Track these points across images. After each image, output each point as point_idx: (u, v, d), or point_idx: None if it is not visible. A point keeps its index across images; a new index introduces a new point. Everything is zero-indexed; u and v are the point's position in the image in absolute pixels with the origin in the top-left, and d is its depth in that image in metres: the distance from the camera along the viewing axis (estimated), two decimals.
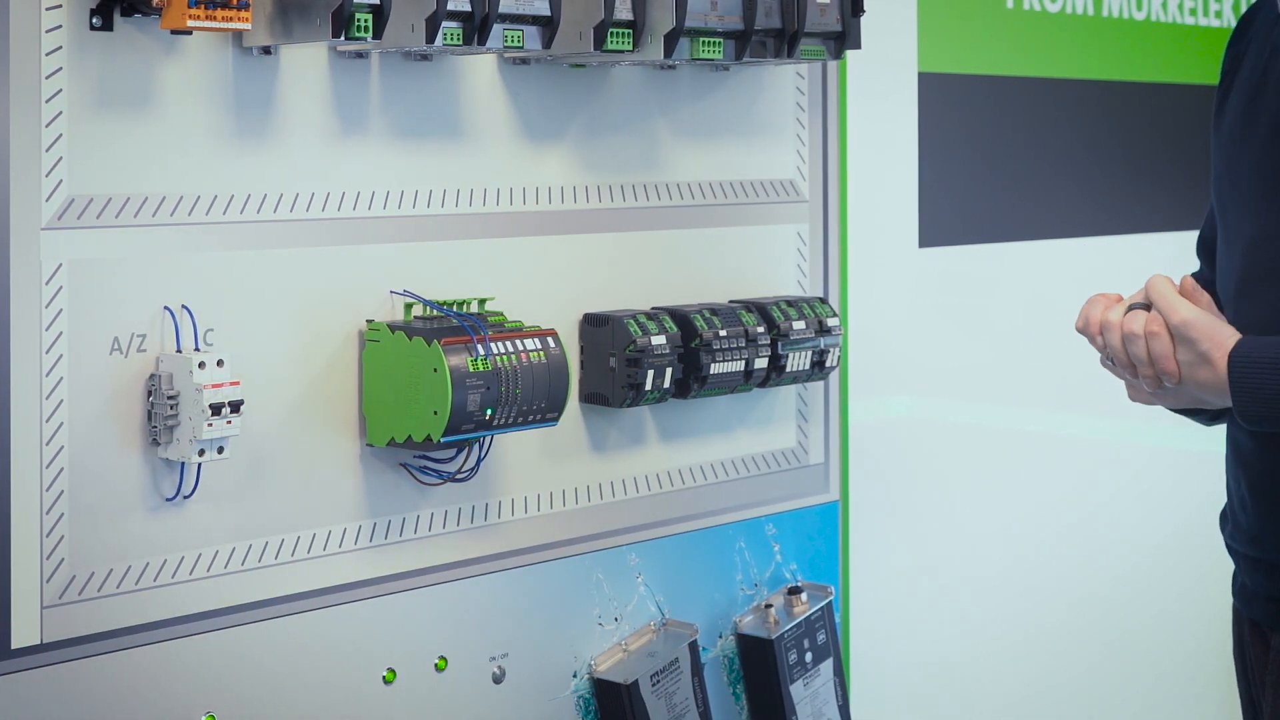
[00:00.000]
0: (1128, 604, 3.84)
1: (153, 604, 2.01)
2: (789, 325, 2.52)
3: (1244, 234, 2.17)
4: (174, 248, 2.01)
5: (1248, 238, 2.16)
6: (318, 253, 2.14)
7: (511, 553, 2.35)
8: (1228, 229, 2.23)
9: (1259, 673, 2.20)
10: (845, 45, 2.45)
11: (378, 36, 2.01)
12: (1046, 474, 3.66)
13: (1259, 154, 2.16)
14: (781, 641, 2.60)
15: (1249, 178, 2.17)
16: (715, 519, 2.60)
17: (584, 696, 2.42)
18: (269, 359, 2.09)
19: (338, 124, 2.16)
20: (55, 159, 1.91)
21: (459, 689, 2.29)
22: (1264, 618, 2.18)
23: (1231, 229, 2.21)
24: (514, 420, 2.17)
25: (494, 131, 2.31)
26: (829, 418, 2.75)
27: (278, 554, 2.11)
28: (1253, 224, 2.16)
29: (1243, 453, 2.17)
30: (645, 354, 2.36)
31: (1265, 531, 2.14)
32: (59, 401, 1.92)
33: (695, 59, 2.33)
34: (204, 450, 1.98)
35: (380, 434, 2.16)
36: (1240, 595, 2.24)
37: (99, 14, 1.93)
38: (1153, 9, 3.91)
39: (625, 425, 2.48)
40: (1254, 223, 2.16)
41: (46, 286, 1.91)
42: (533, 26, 2.18)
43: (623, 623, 2.47)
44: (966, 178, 3.41)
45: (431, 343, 2.11)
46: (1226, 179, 2.22)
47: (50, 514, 1.92)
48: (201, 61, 2.03)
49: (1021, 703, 3.61)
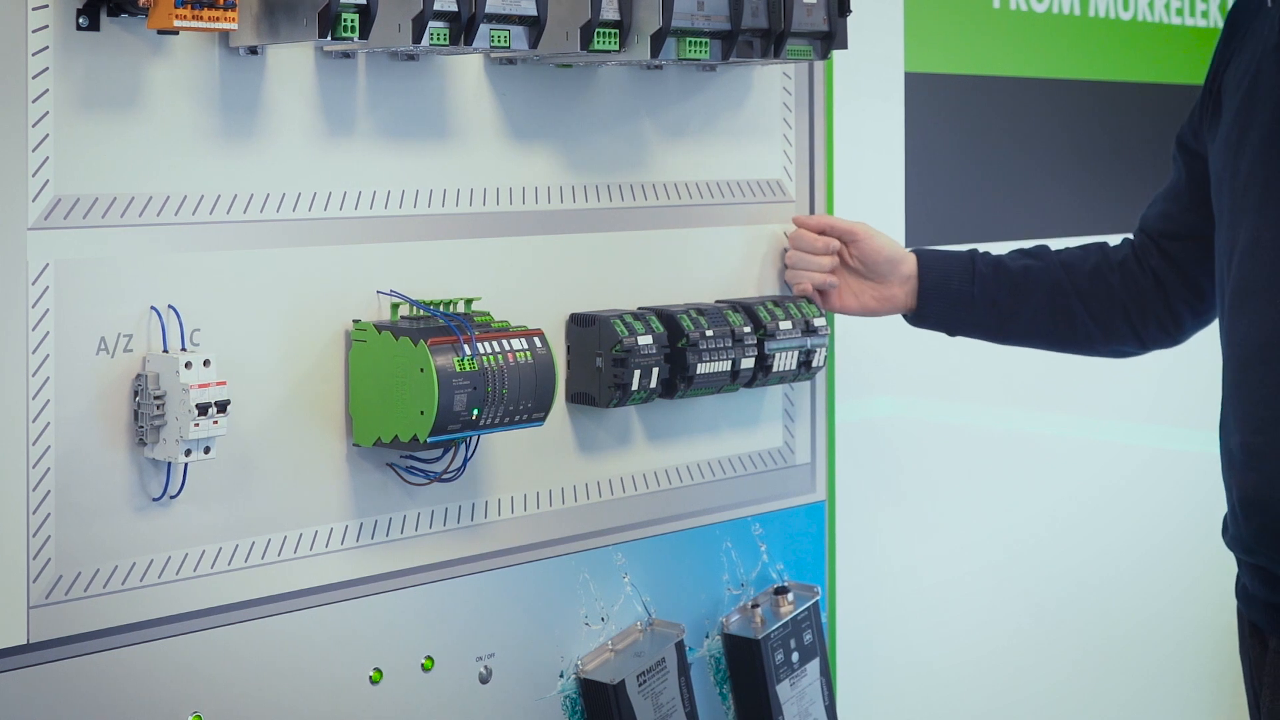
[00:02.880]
0: (1116, 605, 3.85)
1: (140, 604, 2.01)
2: (775, 325, 2.52)
3: (1238, 241, 2.17)
4: (161, 248, 2.01)
5: (1242, 246, 2.16)
6: (304, 253, 2.14)
7: (498, 553, 2.35)
8: (1222, 235, 2.22)
9: (1257, 674, 2.21)
10: (832, 45, 2.45)
11: (364, 36, 2.01)
12: (1033, 474, 3.66)
13: (1252, 161, 2.15)
14: (768, 641, 2.60)
15: (1244, 184, 2.16)
16: (702, 519, 2.60)
17: (571, 696, 2.42)
18: (256, 359, 2.09)
19: (324, 124, 2.16)
20: (42, 159, 1.91)
21: (446, 689, 2.29)
22: (1262, 621, 2.18)
23: (1225, 235, 2.20)
24: (500, 420, 2.17)
25: (481, 132, 2.31)
26: (815, 418, 2.75)
27: (264, 554, 2.11)
28: (1247, 232, 2.15)
29: (1234, 464, 2.17)
30: (632, 354, 2.37)
31: (1258, 542, 2.14)
32: (45, 401, 1.92)
33: (682, 59, 2.33)
34: (190, 450, 1.98)
35: (367, 434, 2.16)
36: (1241, 596, 2.24)
37: (85, 14, 1.93)
38: (1139, 9, 3.91)
39: (612, 425, 2.48)
40: (1248, 231, 2.15)
41: (33, 286, 1.91)
42: (519, 26, 2.18)
43: (609, 623, 2.47)
44: (953, 178, 3.42)
45: (418, 343, 2.11)
46: (1227, 184, 2.21)
47: (37, 514, 1.92)
48: (188, 61, 2.03)
49: (1008, 703, 3.61)
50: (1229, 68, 2.27)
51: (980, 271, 2.55)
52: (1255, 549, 2.15)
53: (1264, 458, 2.12)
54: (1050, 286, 2.54)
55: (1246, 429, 2.14)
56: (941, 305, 2.55)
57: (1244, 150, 2.17)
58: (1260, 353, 2.13)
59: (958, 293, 2.54)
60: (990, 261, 2.56)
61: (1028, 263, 2.56)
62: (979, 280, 2.54)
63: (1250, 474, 2.13)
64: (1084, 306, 2.52)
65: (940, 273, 2.55)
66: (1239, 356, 2.17)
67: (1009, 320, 2.56)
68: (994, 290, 2.54)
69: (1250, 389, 2.14)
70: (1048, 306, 2.54)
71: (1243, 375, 2.16)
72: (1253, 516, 2.13)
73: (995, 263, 2.56)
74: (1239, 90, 2.21)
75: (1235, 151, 2.19)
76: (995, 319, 2.56)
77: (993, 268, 2.55)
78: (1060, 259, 2.56)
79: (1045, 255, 2.57)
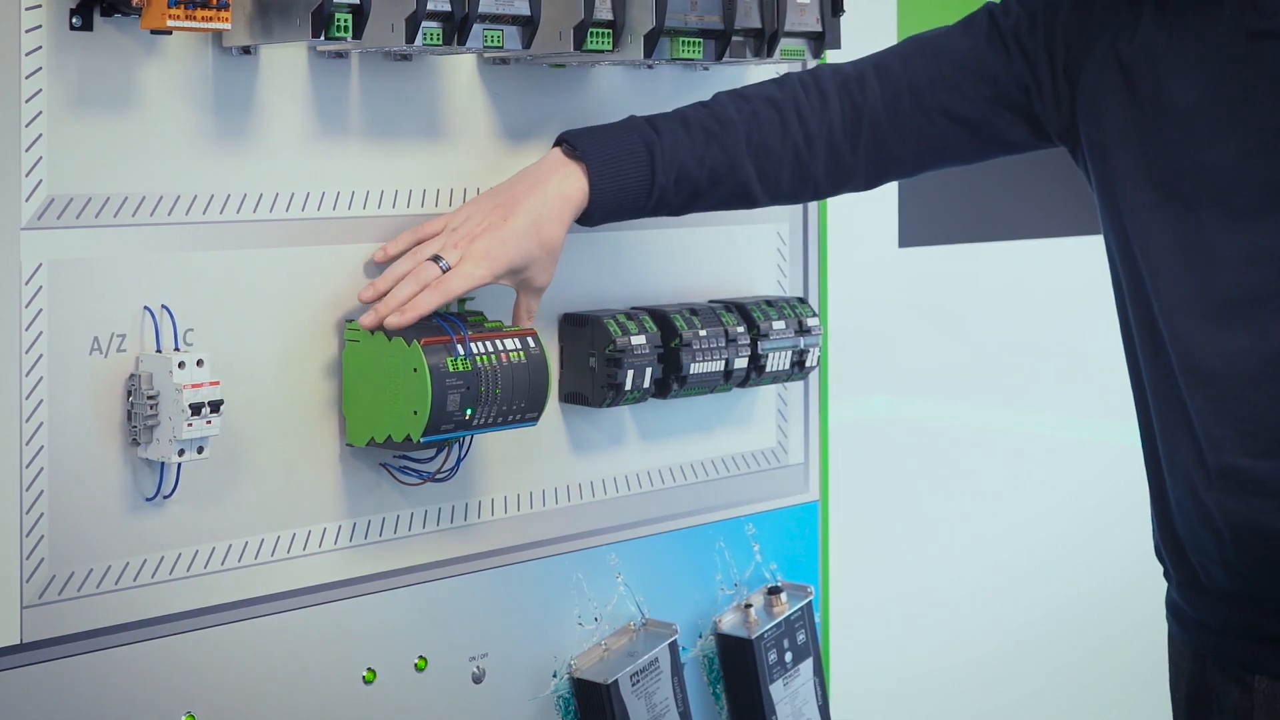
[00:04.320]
0: (1109, 604, 3.85)
1: (133, 604, 2.01)
2: (769, 325, 2.52)
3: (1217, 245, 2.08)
4: (154, 247, 2.01)
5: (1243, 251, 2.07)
6: (298, 252, 2.14)
7: (491, 553, 2.35)
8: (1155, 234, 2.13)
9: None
10: (825, 45, 2.46)
11: (358, 36, 2.01)
12: (1027, 474, 3.67)
13: (1243, 163, 2.09)
14: (761, 641, 2.60)
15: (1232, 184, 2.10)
16: (695, 519, 2.60)
17: (564, 696, 2.42)
18: (249, 359, 2.09)
19: (318, 124, 2.16)
20: (35, 159, 1.91)
21: (439, 689, 2.29)
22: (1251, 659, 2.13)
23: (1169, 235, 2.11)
24: (494, 420, 2.17)
25: (474, 131, 2.31)
26: (809, 418, 2.76)
27: (258, 554, 2.11)
28: (1245, 236, 2.07)
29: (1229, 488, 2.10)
30: (625, 354, 2.37)
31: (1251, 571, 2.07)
32: (39, 401, 1.92)
33: (675, 59, 2.33)
34: (184, 450, 1.98)
35: (360, 434, 2.16)
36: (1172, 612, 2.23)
37: (79, 14, 1.93)
38: None
39: (605, 425, 2.48)
40: (1247, 235, 2.07)
41: (26, 286, 1.91)
42: (513, 26, 2.18)
43: (602, 623, 2.47)
44: (946, 177, 3.42)
45: (411, 343, 2.11)
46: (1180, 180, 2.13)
47: (30, 514, 1.92)
48: (181, 61, 2.03)
49: (1001, 701, 3.62)
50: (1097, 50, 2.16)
51: (660, 186, 2.25)
52: (1247, 576, 2.08)
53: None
54: (734, 187, 2.29)
55: (1251, 452, 2.02)
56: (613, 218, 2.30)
57: (1218, 148, 2.07)
58: (1267, 369, 2.02)
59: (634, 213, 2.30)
60: (673, 169, 2.25)
61: (715, 159, 2.27)
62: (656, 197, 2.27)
63: (1257, 500, 2.02)
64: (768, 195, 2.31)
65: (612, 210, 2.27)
66: (1235, 371, 2.04)
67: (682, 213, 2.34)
68: (673, 199, 2.28)
69: (1254, 406, 2.03)
70: (728, 201, 2.31)
71: (1245, 390, 2.04)
72: (1254, 546, 2.08)
73: (679, 172, 2.26)
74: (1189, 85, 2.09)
75: (1194, 147, 2.08)
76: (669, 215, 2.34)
77: (675, 180, 2.26)
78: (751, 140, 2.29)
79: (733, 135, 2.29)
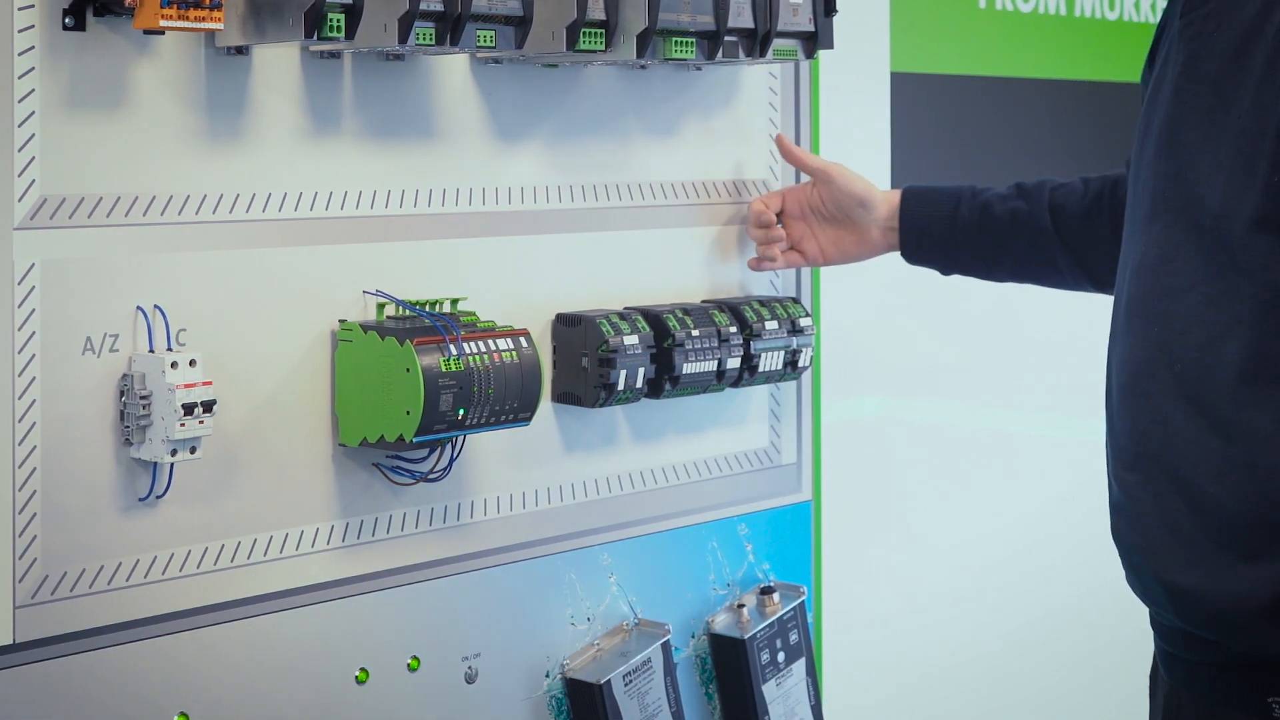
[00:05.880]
0: (1103, 605, 3.85)
1: (126, 604, 2.01)
2: (762, 325, 2.53)
3: (1132, 252, 2.07)
4: (147, 248, 2.01)
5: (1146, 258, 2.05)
6: (290, 253, 2.14)
7: (484, 553, 2.35)
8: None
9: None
10: (818, 45, 2.46)
11: (350, 36, 2.01)
12: (1020, 474, 3.67)
13: (1153, 165, 2.08)
14: (754, 641, 2.60)
15: (1148, 186, 2.10)
16: (688, 519, 2.60)
17: (557, 696, 2.42)
18: (242, 359, 2.09)
19: (310, 124, 2.16)
20: (28, 159, 1.91)
21: (432, 689, 2.29)
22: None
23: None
24: (487, 420, 2.17)
25: (467, 131, 2.31)
26: (801, 418, 2.76)
27: (250, 554, 2.11)
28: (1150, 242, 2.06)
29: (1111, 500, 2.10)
30: (618, 354, 2.37)
31: (1132, 587, 2.09)
32: (31, 401, 1.92)
33: (668, 59, 2.33)
34: (176, 450, 1.98)
35: (353, 434, 2.16)
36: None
37: (71, 14, 1.93)
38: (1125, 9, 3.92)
39: (598, 425, 2.48)
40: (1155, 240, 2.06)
41: (19, 286, 1.91)
42: (505, 26, 2.18)
43: (595, 623, 2.47)
44: (939, 177, 3.42)
45: (404, 343, 2.11)
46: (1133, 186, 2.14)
47: (23, 514, 1.92)
48: (174, 61, 2.03)
49: (994, 701, 3.62)
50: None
51: (964, 218, 2.53)
52: (1132, 587, 2.08)
53: (1138, 500, 1.98)
54: (1035, 233, 2.49)
55: (1123, 464, 2.01)
56: (924, 253, 2.56)
57: (1143, 154, 2.07)
58: (1136, 382, 1.97)
59: (940, 240, 2.53)
60: (978, 206, 2.53)
61: (1016, 206, 2.51)
62: (960, 227, 2.52)
63: (1116, 515, 2.02)
64: (1069, 255, 2.47)
65: (919, 221, 2.54)
66: (1115, 383, 2.02)
67: (993, 265, 2.55)
68: (976, 236, 2.52)
69: (1122, 418, 2.01)
70: (1031, 255, 2.51)
71: (1116, 402, 2.02)
72: (1123, 558, 2.03)
73: (983, 207, 2.53)
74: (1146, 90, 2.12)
75: (1138, 151, 2.09)
76: (979, 265, 2.56)
77: (979, 213, 2.52)
78: (1052, 200, 2.50)
79: (1037, 196, 2.52)
